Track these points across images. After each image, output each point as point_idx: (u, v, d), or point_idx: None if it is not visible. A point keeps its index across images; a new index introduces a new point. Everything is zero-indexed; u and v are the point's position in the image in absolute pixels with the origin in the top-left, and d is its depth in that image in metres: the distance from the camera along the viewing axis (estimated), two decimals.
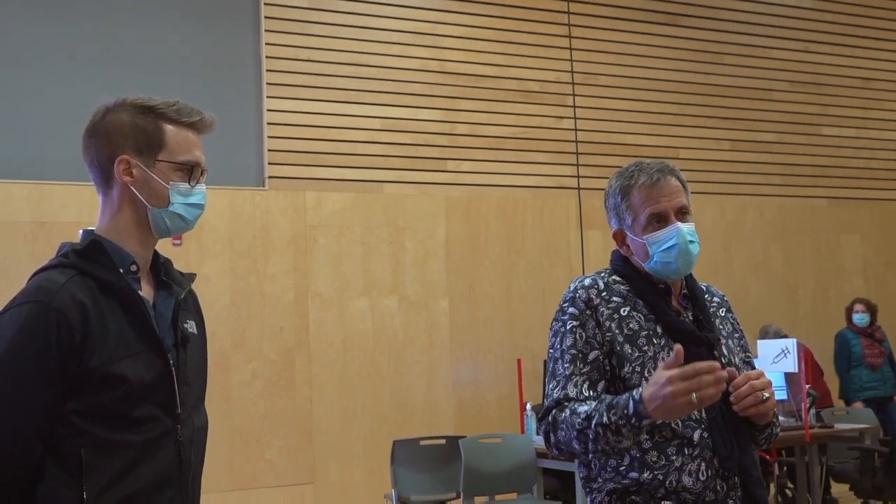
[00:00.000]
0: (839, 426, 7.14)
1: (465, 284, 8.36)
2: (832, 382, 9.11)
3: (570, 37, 9.03)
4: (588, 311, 2.26)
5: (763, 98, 9.87)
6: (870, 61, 10.51)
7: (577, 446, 2.17)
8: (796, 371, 6.59)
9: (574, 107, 8.97)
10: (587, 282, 2.33)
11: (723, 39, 9.78)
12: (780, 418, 6.97)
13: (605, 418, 2.11)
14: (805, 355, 7.20)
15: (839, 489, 8.13)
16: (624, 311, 2.28)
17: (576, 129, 8.96)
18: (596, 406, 2.15)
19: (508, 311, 8.44)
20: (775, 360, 6.52)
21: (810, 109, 10.12)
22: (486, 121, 8.61)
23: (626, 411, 2.08)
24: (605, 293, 2.30)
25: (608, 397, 2.16)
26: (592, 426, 2.12)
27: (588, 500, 2.31)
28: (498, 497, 6.51)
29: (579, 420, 2.15)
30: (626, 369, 2.21)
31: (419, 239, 8.23)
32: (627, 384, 2.21)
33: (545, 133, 8.85)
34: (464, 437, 6.55)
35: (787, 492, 7.85)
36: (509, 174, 8.67)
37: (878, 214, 10.38)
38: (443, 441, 6.63)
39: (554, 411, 2.22)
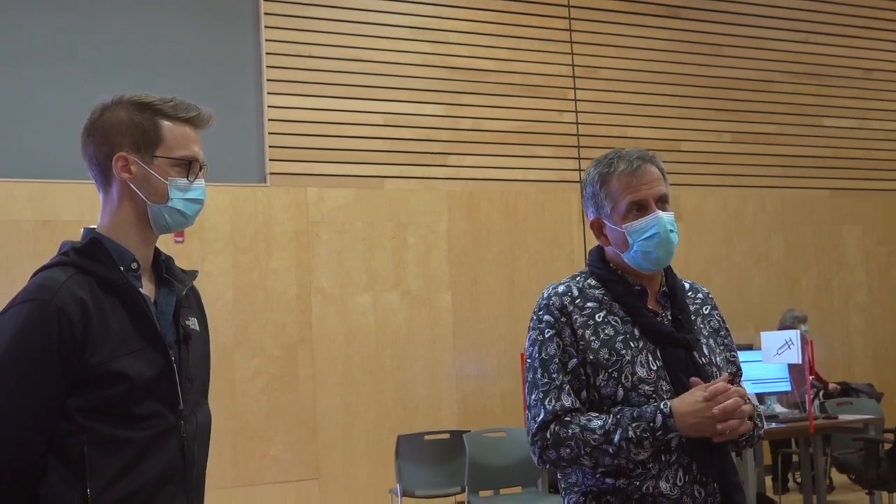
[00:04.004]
0: (843, 417, 7.14)
1: (467, 279, 8.36)
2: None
3: (570, 30, 9.02)
4: (563, 319, 2.22)
5: (764, 90, 9.85)
6: (870, 51, 10.48)
7: (586, 462, 2.14)
8: (800, 362, 6.58)
9: (575, 100, 8.97)
10: (561, 288, 2.28)
11: (723, 32, 9.77)
12: (784, 410, 7.00)
13: (629, 432, 2.09)
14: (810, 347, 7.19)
15: (840, 479, 8.14)
16: (599, 316, 2.23)
17: (577, 123, 8.95)
18: (614, 420, 2.12)
19: (511, 306, 8.43)
20: (779, 352, 6.51)
21: (811, 101, 10.10)
22: (487, 115, 8.61)
23: (652, 424, 2.07)
24: (578, 300, 2.25)
25: (627, 410, 2.13)
26: (615, 441, 2.09)
27: (564, 500, 2.28)
28: (503, 491, 6.51)
29: (595, 437, 2.11)
30: (601, 377, 2.18)
31: (421, 234, 8.23)
32: (602, 392, 2.17)
33: (547, 127, 8.84)
34: (468, 431, 6.55)
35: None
36: (511, 168, 8.66)
37: (879, 205, 10.36)
38: (447, 435, 6.63)
39: (554, 426, 2.16)
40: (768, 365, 6.82)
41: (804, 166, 10.01)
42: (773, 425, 6.59)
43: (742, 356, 7.57)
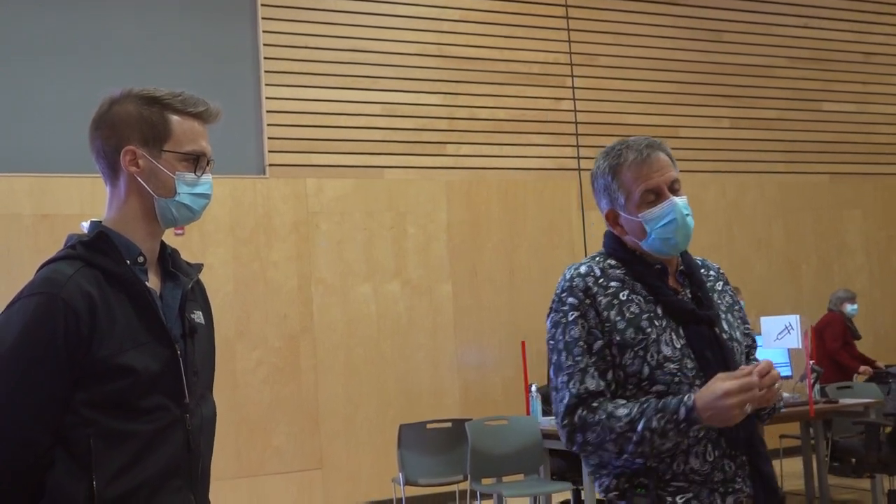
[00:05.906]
0: (844, 401, 7.15)
1: (467, 268, 8.36)
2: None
3: (567, 18, 9.00)
4: (587, 301, 2.23)
5: (763, 75, 9.85)
6: (870, 36, 10.47)
7: (611, 447, 2.17)
8: (800, 347, 6.59)
9: (573, 88, 8.96)
10: (583, 269, 2.28)
11: (722, 17, 9.75)
12: (785, 395, 7.02)
13: (653, 423, 2.11)
14: (811, 332, 7.19)
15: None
16: (623, 294, 2.25)
17: (575, 111, 8.94)
18: (640, 409, 2.14)
19: (511, 294, 8.44)
20: (779, 337, 6.52)
21: (811, 85, 10.09)
22: (485, 104, 8.60)
23: (675, 416, 2.09)
24: (601, 280, 2.26)
25: (652, 401, 2.15)
26: (639, 430, 2.12)
27: (596, 484, 2.30)
28: (505, 479, 6.53)
29: (620, 424, 2.14)
30: (627, 355, 2.19)
31: (421, 224, 8.24)
32: (627, 371, 2.19)
33: (545, 115, 8.84)
34: (470, 419, 6.56)
35: None
36: (510, 157, 8.66)
37: (879, 189, 10.37)
38: (449, 424, 6.64)
39: (581, 410, 2.19)
40: (768, 350, 6.83)
41: (804, 151, 10.01)
42: None
43: None
